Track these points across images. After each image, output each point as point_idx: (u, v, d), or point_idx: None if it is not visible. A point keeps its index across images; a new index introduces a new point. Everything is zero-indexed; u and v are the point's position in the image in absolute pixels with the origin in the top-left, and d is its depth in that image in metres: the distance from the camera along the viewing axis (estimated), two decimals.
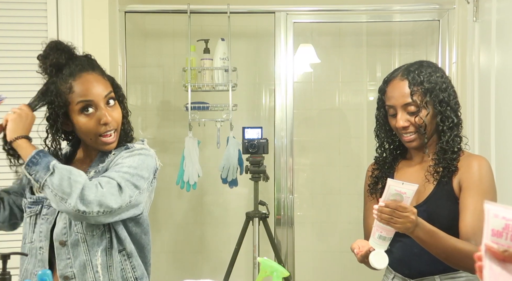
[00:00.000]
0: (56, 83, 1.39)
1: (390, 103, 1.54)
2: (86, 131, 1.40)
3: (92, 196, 1.26)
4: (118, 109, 1.45)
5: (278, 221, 2.76)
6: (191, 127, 2.72)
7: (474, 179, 1.47)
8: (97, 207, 1.26)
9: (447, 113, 1.51)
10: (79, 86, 1.38)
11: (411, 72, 1.52)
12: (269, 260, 1.28)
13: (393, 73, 1.58)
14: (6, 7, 2.39)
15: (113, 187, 1.30)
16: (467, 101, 2.42)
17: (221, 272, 2.60)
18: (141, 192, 1.38)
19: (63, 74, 1.39)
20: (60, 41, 1.44)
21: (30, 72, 2.32)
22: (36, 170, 1.28)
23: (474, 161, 1.49)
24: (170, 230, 3.32)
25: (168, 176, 2.98)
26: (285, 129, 2.73)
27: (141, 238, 1.47)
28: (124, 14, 2.68)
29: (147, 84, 3.32)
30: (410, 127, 1.52)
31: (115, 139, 1.44)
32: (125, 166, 1.36)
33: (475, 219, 1.41)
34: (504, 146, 2.05)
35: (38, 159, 1.30)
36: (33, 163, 1.29)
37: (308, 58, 3.28)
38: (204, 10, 2.82)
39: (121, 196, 1.31)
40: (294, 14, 2.76)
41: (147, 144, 1.52)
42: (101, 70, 1.46)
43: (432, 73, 1.52)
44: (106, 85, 1.43)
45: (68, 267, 1.39)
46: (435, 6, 2.71)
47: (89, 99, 1.38)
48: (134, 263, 1.44)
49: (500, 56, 2.11)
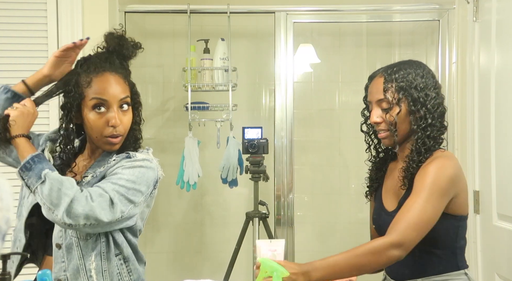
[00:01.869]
0: (79, 74, 1.41)
1: (368, 99, 1.57)
2: (93, 129, 1.40)
3: (80, 210, 1.25)
4: (129, 115, 1.45)
5: (278, 221, 2.76)
6: (191, 127, 2.72)
7: (418, 178, 1.41)
8: (83, 220, 1.26)
9: (421, 114, 1.46)
10: (98, 84, 1.39)
11: (389, 69, 1.52)
12: (269, 260, 1.29)
13: (377, 70, 1.58)
14: (6, 7, 2.40)
15: (105, 201, 1.29)
16: (467, 101, 2.42)
17: (221, 272, 2.60)
18: (136, 206, 1.37)
19: (88, 67, 1.40)
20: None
21: (30, 72, 2.33)
22: (29, 176, 1.29)
23: (430, 165, 1.42)
24: (170, 230, 3.32)
25: (168, 176, 2.96)
26: (285, 129, 2.73)
27: (130, 240, 1.46)
28: (124, 14, 2.68)
29: (147, 84, 3.32)
30: (382, 124, 1.50)
31: (119, 142, 1.44)
32: (123, 178, 1.35)
33: (403, 211, 1.37)
34: (504, 146, 2.05)
35: (32, 164, 1.30)
36: (26, 168, 1.30)
37: (308, 58, 3.28)
38: (204, 10, 2.82)
39: (111, 211, 1.30)
40: (294, 14, 2.76)
41: (152, 154, 1.49)
42: (125, 73, 1.46)
43: (411, 72, 1.49)
44: (125, 89, 1.43)
45: (62, 270, 1.38)
46: (435, 6, 2.71)
47: (103, 98, 1.38)
48: (130, 267, 1.43)
49: (500, 56, 2.11)
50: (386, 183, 1.60)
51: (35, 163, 1.30)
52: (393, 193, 1.54)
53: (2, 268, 1.09)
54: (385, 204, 1.55)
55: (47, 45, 2.39)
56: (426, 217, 1.37)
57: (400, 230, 1.35)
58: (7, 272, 1.10)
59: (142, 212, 1.45)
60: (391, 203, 1.54)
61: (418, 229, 1.36)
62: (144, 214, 1.48)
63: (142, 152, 1.48)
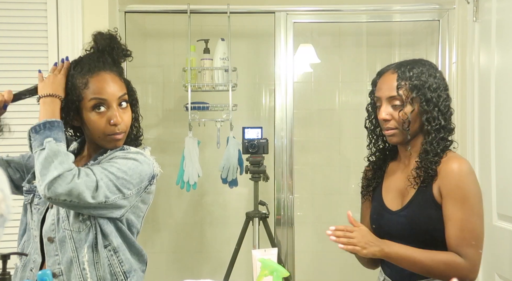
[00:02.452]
0: (73, 77, 1.40)
1: (377, 95, 1.53)
2: (95, 129, 1.40)
3: (64, 186, 1.25)
4: (129, 112, 1.45)
5: (278, 221, 2.76)
6: (191, 127, 2.72)
7: (453, 185, 1.41)
8: (64, 196, 1.26)
9: (434, 114, 1.46)
10: (95, 84, 1.38)
11: (402, 66, 1.51)
12: (269, 260, 1.29)
13: (387, 66, 1.57)
14: (6, 7, 2.40)
15: (91, 182, 1.29)
16: (467, 101, 2.42)
17: (221, 272, 2.60)
18: (125, 197, 1.36)
19: (82, 69, 1.40)
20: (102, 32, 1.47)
21: (30, 72, 2.34)
22: (35, 138, 1.31)
23: (453, 165, 1.42)
24: (170, 230, 3.32)
25: (168, 176, 2.98)
26: (285, 129, 2.73)
27: (124, 232, 1.44)
28: (124, 14, 2.68)
29: (147, 84, 3.32)
30: (391, 122, 1.49)
31: (123, 138, 1.44)
32: (115, 166, 1.35)
33: (457, 230, 1.40)
34: (504, 146, 2.05)
35: (42, 129, 1.31)
36: (35, 131, 1.32)
37: (308, 58, 3.28)
38: (204, 10, 2.82)
39: (94, 193, 1.29)
40: (294, 14, 2.76)
41: (149, 152, 1.50)
42: (120, 71, 1.46)
43: (425, 72, 1.48)
44: (122, 86, 1.43)
45: (56, 263, 1.39)
46: (435, 6, 2.71)
47: (103, 97, 1.38)
48: (121, 257, 1.42)
49: (500, 56, 2.11)
50: (386, 182, 1.60)
51: (46, 128, 1.31)
52: (397, 193, 1.53)
53: (2, 268, 1.09)
54: (387, 203, 1.55)
55: (47, 45, 2.39)
56: (483, 231, 1.43)
57: (475, 260, 1.41)
58: (7, 272, 1.10)
59: (137, 207, 1.44)
60: (394, 202, 1.53)
61: (481, 247, 1.43)
62: (140, 211, 1.46)
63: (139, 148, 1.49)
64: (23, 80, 2.32)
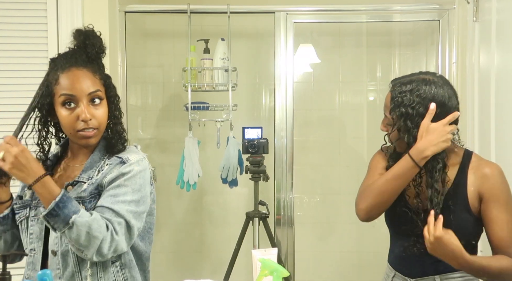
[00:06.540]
0: (48, 74, 1.41)
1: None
2: (65, 125, 1.39)
3: (107, 248, 1.31)
4: (103, 108, 1.42)
5: (278, 221, 2.76)
6: (191, 127, 2.72)
7: (495, 188, 1.46)
8: (111, 254, 1.34)
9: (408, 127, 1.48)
10: (65, 80, 1.38)
11: (396, 86, 1.52)
12: (269, 260, 1.29)
13: (393, 80, 1.57)
14: (6, 7, 2.40)
15: (124, 228, 1.34)
16: (467, 101, 2.42)
17: (221, 272, 2.60)
18: (146, 211, 1.43)
19: (56, 65, 1.40)
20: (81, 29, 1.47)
21: (30, 72, 2.35)
22: (55, 221, 1.27)
23: (489, 169, 1.49)
24: (170, 230, 3.32)
25: (168, 176, 2.98)
26: (285, 129, 2.73)
27: (138, 245, 1.46)
28: (124, 14, 2.68)
29: (147, 84, 3.32)
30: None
31: (94, 135, 1.41)
32: (129, 192, 1.37)
33: (504, 231, 1.43)
34: (504, 146, 2.05)
35: (58, 211, 1.26)
36: (52, 215, 1.26)
37: (308, 58, 3.28)
38: (204, 10, 2.82)
39: (131, 236, 1.37)
40: (294, 14, 2.76)
41: (140, 149, 1.50)
42: (96, 67, 1.44)
43: (408, 91, 1.48)
44: (95, 83, 1.41)
45: (57, 277, 1.38)
46: (435, 6, 2.71)
47: (71, 93, 1.37)
48: (127, 274, 1.42)
49: (500, 56, 2.11)
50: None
51: (61, 208, 1.27)
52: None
53: (2, 268, 1.09)
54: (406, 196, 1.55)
55: (47, 45, 2.39)
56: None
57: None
58: (7, 272, 1.10)
59: (146, 222, 1.47)
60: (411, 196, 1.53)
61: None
62: (152, 209, 1.50)
63: (131, 150, 1.46)
64: (23, 80, 2.34)
